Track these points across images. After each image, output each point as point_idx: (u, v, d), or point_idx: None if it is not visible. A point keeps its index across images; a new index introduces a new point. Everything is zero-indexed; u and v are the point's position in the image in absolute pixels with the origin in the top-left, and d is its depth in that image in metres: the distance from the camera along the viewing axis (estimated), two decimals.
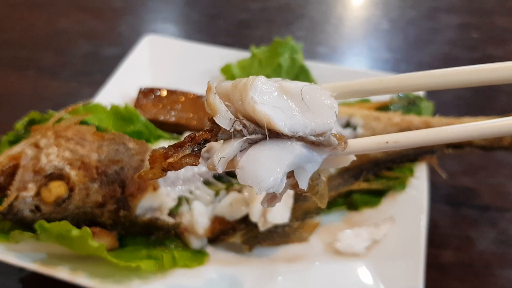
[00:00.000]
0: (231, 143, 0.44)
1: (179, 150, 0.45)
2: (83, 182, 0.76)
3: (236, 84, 0.46)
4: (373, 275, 0.79)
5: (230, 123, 0.44)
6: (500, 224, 0.96)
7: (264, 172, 0.43)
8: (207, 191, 0.87)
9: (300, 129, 0.44)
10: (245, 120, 0.44)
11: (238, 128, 0.44)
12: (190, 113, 1.03)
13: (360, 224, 0.87)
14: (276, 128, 0.43)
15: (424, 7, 1.68)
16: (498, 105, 1.24)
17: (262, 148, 0.44)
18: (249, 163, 0.43)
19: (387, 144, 0.48)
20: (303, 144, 0.45)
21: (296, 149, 0.44)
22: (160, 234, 0.82)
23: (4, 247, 0.74)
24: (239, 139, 0.44)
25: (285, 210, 0.81)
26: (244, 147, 0.45)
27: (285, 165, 0.44)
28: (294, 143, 0.44)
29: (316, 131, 0.45)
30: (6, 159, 0.76)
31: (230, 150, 0.44)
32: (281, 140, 0.44)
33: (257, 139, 0.44)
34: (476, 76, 0.48)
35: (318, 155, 0.46)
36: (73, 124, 0.83)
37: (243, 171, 0.43)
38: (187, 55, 1.19)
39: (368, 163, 0.92)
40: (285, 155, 0.44)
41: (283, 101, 0.45)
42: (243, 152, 0.44)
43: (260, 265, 0.82)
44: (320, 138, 0.45)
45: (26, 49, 1.40)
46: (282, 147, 0.44)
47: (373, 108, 1.02)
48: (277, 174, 0.43)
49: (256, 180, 0.43)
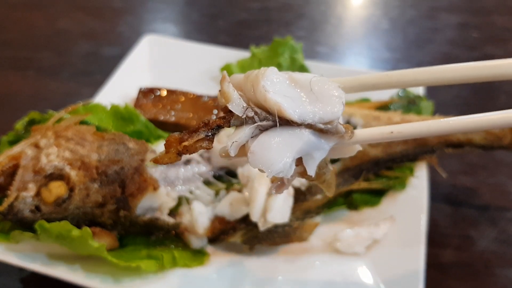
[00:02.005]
0: (243, 129, 0.46)
1: (193, 135, 0.47)
2: (83, 182, 0.76)
3: (248, 75, 0.49)
4: (373, 274, 0.79)
5: (243, 110, 0.46)
6: (500, 224, 0.96)
7: (274, 156, 0.45)
8: (207, 191, 0.87)
9: (309, 117, 0.46)
10: (257, 108, 0.47)
11: (250, 115, 0.46)
12: (190, 113, 1.03)
13: (360, 223, 0.86)
14: (286, 116, 0.45)
15: (424, 6, 1.68)
16: (498, 105, 1.24)
17: (272, 134, 0.46)
18: (260, 147, 0.46)
19: (391, 134, 0.50)
20: (311, 132, 0.47)
21: (305, 135, 0.46)
22: (160, 234, 0.82)
23: (4, 247, 0.74)
24: (250, 125, 0.46)
25: (285, 210, 0.81)
26: (255, 133, 0.47)
27: (294, 151, 0.46)
28: (303, 130, 0.46)
29: (324, 119, 0.47)
30: (6, 159, 0.76)
31: (242, 135, 0.46)
32: (291, 127, 0.47)
33: (267, 126, 0.47)
34: (479, 72, 0.49)
35: (325, 143, 0.48)
36: (73, 124, 0.83)
37: (254, 155, 0.46)
38: (187, 55, 1.19)
39: (368, 163, 0.92)
40: (294, 141, 0.46)
41: (293, 91, 0.47)
42: (254, 138, 0.47)
43: (260, 265, 0.81)
44: (328, 126, 0.47)
45: (26, 49, 1.40)
46: (291, 133, 0.46)
47: (373, 107, 1.02)
48: (286, 159, 0.45)
49: (267, 164, 0.45)
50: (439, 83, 0.51)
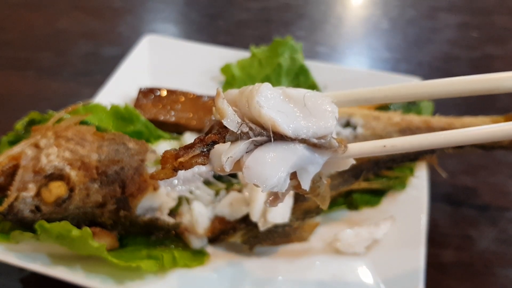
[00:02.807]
0: (238, 144, 0.47)
1: (189, 151, 0.47)
2: (83, 182, 0.76)
3: (243, 91, 0.49)
4: (373, 274, 0.79)
5: (237, 125, 0.47)
6: (500, 224, 0.96)
7: (269, 171, 0.46)
8: (207, 191, 0.87)
9: (303, 131, 0.47)
10: (251, 124, 0.47)
11: (244, 130, 0.47)
12: (190, 113, 1.03)
13: (360, 223, 0.86)
14: (280, 131, 0.46)
15: (424, 6, 1.68)
16: (498, 105, 1.24)
17: (267, 150, 0.47)
18: (255, 163, 0.46)
19: (384, 148, 0.52)
20: (305, 146, 0.47)
21: (299, 150, 0.47)
22: (160, 234, 0.82)
23: (4, 247, 0.74)
24: (245, 140, 0.47)
25: (285, 210, 0.81)
26: (250, 148, 0.47)
27: (288, 165, 0.47)
28: (297, 145, 0.47)
29: (318, 134, 0.47)
30: (6, 159, 0.76)
31: (237, 150, 0.46)
32: (285, 142, 0.47)
33: (262, 141, 0.47)
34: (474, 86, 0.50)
35: (319, 157, 0.49)
36: (73, 124, 0.83)
37: (249, 170, 0.46)
38: (187, 55, 1.19)
39: (368, 163, 0.92)
40: (288, 156, 0.47)
41: (287, 106, 0.48)
42: (249, 154, 0.47)
43: (260, 265, 0.82)
44: (321, 140, 0.48)
45: (26, 49, 1.40)
46: (286, 148, 0.47)
47: (373, 107, 1.02)
48: (281, 173, 0.46)
49: (262, 179, 0.46)
50: (431, 98, 0.53)
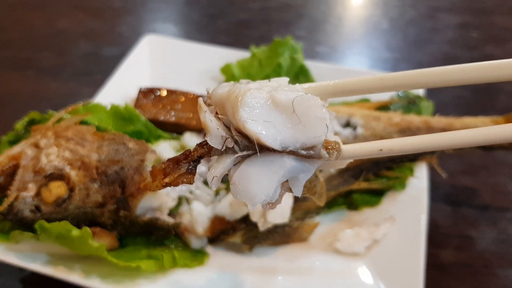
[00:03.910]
0: (224, 160, 0.45)
1: (175, 168, 0.46)
2: (83, 182, 0.76)
3: (230, 94, 0.47)
4: (373, 274, 0.79)
5: (222, 141, 0.45)
6: (500, 224, 0.96)
7: (255, 188, 0.44)
8: (207, 191, 0.87)
9: (291, 143, 0.44)
10: (237, 136, 0.45)
11: (229, 146, 0.45)
12: (190, 113, 1.03)
13: (360, 223, 0.87)
14: (266, 145, 0.44)
15: (424, 6, 1.68)
16: (498, 105, 1.24)
17: (254, 164, 0.45)
18: (242, 179, 0.45)
19: (381, 152, 0.48)
20: (294, 158, 0.45)
21: (287, 163, 0.45)
22: (160, 234, 0.82)
23: (4, 247, 0.74)
24: (231, 155, 0.45)
25: (285, 210, 0.81)
26: (238, 160, 0.46)
27: (276, 180, 0.45)
28: (285, 158, 0.45)
29: (307, 144, 0.45)
30: (6, 159, 0.76)
31: (221, 168, 0.45)
32: (273, 155, 0.45)
33: (249, 154, 0.45)
34: (475, 74, 0.48)
35: (310, 166, 0.46)
36: (73, 124, 0.83)
37: (236, 187, 0.45)
38: (187, 55, 1.19)
39: (368, 163, 0.92)
40: (276, 169, 0.45)
41: (274, 115, 0.45)
42: (237, 166, 0.45)
43: (260, 265, 0.82)
44: (310, 151, 0.45)
45: (26, 49, 1.40)
46: (273, 161, 0.45)
47: (373, 107, 1.02)
48: (268, 190, 0.45)
49: (248, 196, 0.44)
50: (434, 86, 0.49)
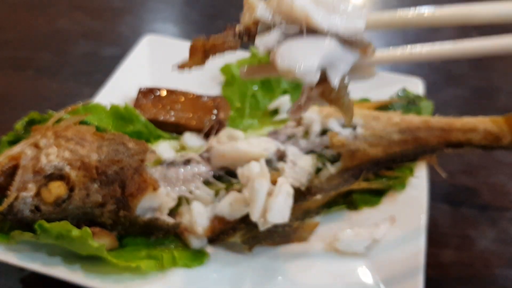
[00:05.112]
0: (271, 33, 0.49)
1: (220, 36, 0.51)
2: (83, 182, 0.76)
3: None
4: (373, 274, 0.79)
5: (270, 15, 0.48)
6: (500, 224, 0.96)
7: (302, 57, 0.47)
8: (207, 191, 0.87)
9: (335, 25, 0.48)
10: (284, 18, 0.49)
11: (277, 20, 0.49)
12: (190, 113, 1.03)
13: (360, 223, 0.86)
14: (314, 23, 0.48)
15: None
16: (498, 105, 1.24)
17: (300, 40, 0.48)
18: (288, 50, 0.48)
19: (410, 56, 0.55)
20: (336, 41, 0.49)
21: (331, 43, 0.48)
22: (160, 234, 0.82)
23: (4, 247, 0.74)
24: (277, 30, 0.49)
25: (285, 210, 0.81)
26: (282, 39, 0.49)
27: (320, 56, 0.48)
28: (329, 38, 0.48)
29: (350, 30, 0.49)
30: (6, 159, 0.76)
31: (269, 38, 0.48)
32: (317, 35, 0.48)
33: (294, 33, 0.49)
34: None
35: (350, 54, 0.50)
36: (73, 124, 0.83)
37: (282, 56, 0.48)
38: (187, 55, 1.19)
39: (368, 163, 0.92)
40: (320, 47, 0.48)
41: (319, 2, 0.49)
42: (281, 44, 0.48)
43: (260, 265, 0.81)
44: (353, 37, 0.49)
45: (26, 49, 1.40)
46: (318, 40, 0.48)
47: (372, 107, 1.02)
48: (313, 62, 0.47)
49: (295, 63, 0.47)
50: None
